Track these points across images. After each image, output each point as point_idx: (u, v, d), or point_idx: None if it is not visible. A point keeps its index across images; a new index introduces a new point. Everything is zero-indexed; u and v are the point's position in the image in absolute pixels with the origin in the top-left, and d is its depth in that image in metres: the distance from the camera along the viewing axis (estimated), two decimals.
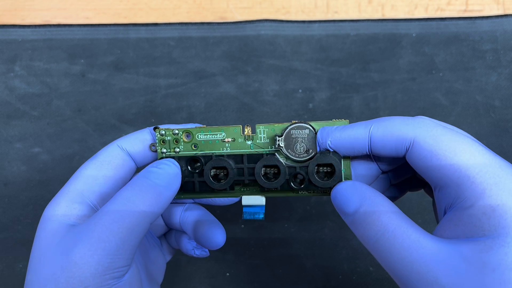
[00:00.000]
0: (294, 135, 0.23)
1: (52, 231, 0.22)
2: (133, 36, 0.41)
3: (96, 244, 0.20)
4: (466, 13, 0.41)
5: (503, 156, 0.40)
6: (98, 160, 0.24)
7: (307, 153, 0.23)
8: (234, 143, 0.24)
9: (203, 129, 0.24)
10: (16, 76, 0.40)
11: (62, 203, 0.23)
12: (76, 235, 0.21)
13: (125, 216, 0.21)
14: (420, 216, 0.38)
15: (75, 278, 0.20)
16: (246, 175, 0.24)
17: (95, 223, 0.21)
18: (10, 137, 0.39)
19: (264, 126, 0.24)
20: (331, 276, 0.38)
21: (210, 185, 0.24)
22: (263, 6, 0.41)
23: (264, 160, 0.23)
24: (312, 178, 0.23)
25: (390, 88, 0.40)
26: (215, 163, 0.24)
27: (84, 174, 0.24)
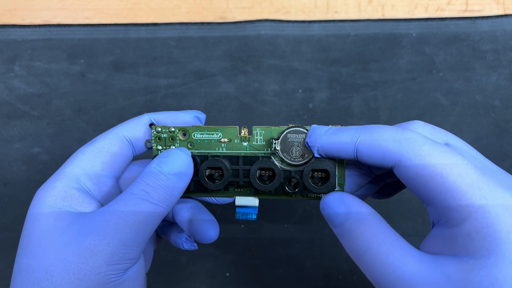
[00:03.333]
0: (290, 139, 0.23)
1: (52, 215, 0.21)
2: (133, 36, 0.41)
3: (113, 234, 0.20)
4: (466, 13, 0.41)
5: (503, 156, 0.40)
6: (96, 147, 0.24)
7: (303, 158, 0.23)
8: (230, 144, 0.24)
9: (199, 128, 0.24)
10: (16, 76, 0.40)
11: (59, 187, 0.22)
12: (90, 223, 0.21)
13: (141, 209, 0.21)
14: (420, 216, 0.38)
15: (88, 264, 0.20)
16: (241, 177, 0.24)
17: (110, 213, 0.21)
18: (10, 137, 0.39)
19: (261, 128, 0.24)
20: (331, 276, 0.38)
21: (205, 185, 0.24)
22: (263, 6, 0.41)
23: (260, 163, 0.23)
24: (307, 182, 0.23)
25: (390, 88, 0.40)
26: (211, 163, 0.24)
27: (81, 159, 0.23)
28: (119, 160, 0.24)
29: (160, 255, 0.38)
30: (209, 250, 0.38)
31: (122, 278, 0.21)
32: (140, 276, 0.22)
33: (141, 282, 0.22)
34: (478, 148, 0.39)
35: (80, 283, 0.20)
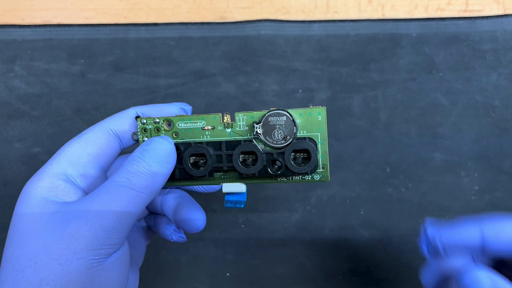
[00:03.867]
0: (272, 122, 0.23)
1: (38, 206, 0.22)
2: (133, 36, 0.41)
3: (94, 220, 0.20)
4: (466, 13, 0.41)
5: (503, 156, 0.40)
6: (82, 139, 0.24)
7: (285, 140, 0.23)
8: (214, 131, 0.24)
9: (183, 117, 0.24)
10: (16, 76, 0.40)
11: (46, 179, 0.23)
12: (72, 210, 0.21)
13: (123, 195, 0.21)
14: (420, 216, 0.38)
15: (70, 249, 0.20)
16: (224, 162, 0.24)
17: (91, 200, 0.21)
18: (10, 137, 0.39)
19: (243, 114, 0.24)
20: (331, 276, 0.38)
21: (189, 172, 0.24)
22: (263, 6, 0.41)
23: (242, 147, 0.23)
24: (289, 163, 0.23)
25: (390, 88, 0.40)
26: (194, 150, 0.24)
27: (68, 152, 0.24)
28: (106, 152, 0.24)
29: (160, 255, 0.38)
30: (209, 250, 0.38)
31: (104, 263, 0.21)
32: (123, 263, 0.22)
33: (124, 269, 0.22)
34: (478, 148, 0.39)
35: (62, 268, 0.20)
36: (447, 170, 0.38)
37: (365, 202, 0.38)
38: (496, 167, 0.38)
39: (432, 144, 0.39)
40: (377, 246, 0.38)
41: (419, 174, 0.38)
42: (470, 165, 0.38)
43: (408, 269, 0.37)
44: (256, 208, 0.38)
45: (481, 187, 0.38)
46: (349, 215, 0.38)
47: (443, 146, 0.39)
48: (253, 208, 0.38)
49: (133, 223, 0.22)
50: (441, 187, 0.38)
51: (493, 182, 0.38)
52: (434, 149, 0.39)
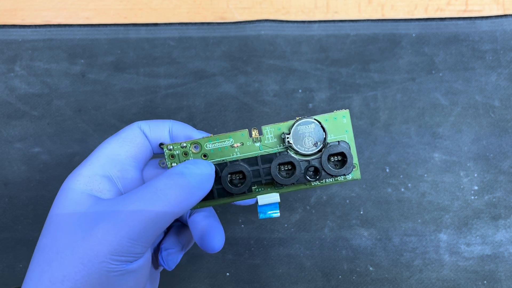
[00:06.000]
0: (301, 130, 0.24)
1: (74, 200, 0.22)
2: (133, 36, 0.41)
3: (121, 226, 0.20)
4: (466, 13, 0.41)
5: (502, 156, 0.40)
6: (120, 137, 0.24)
7: (316, 146, 0.24)
8: (243, 147, 0.24)
9: (210, 138, 0.24)
10: (16, 76, 0.40)
11: (84, 174, 0.23)
12: (103, 210, 0.21)
13: (154, 206, 0.21)
14: (419, 216, 0.38)
15: (94, 251, 0.20)
16: (262, 176, 0.24)
17: (123, 205, 0.21)
18: (11, 137, 0.39)
19: (270, 127, 0.24)
20: (331, 276, 0.38)
21: (230, 190, 0.24)
22: (263, 6, 0.41)
23: (279, 158, 0.24)
24: (327, 168, 0.24)
25: (390, 88, 0.40)
26: (231, 169, 0.24)
27: (106, 149, 0.24)
28: (142, 152, 0.25)
29: None
30: None
31: (124, 270, 0.21)
32: (144, 271, 0.22)
33: (143, 277, 0.23)
34: (478, 148, 0.39)
35: (84, 268, 0.20)
36: (446, 170, 0.38)
37: (364, 202, 0.38)
38: (495, 167, 0.38)
39: (431, 144, 0.39)
40: (377, 246, 0.38)
41: (419, 174, 0.38)
42: (469, 165, 0.38)
43: (408, 269, 0.37)
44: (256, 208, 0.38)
45: (480, 187, 0.38)
46: (349, 215, 0.38)
47: (443, 146, 0.39)
48: (253, 208, 0.38)
49: (159, 234, 0.22)
50: (440, 187, 0.38)
51: (492, 182, 0.38)
52: (433, 149, 0.39)
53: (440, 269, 0.37)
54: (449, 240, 0.38)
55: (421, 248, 0.38)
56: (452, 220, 0.38)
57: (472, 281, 0.37)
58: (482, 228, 0.38)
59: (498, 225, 0.38)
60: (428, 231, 0.38)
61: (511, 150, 0.39)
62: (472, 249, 0.37)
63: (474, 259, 0.37)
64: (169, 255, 0.26)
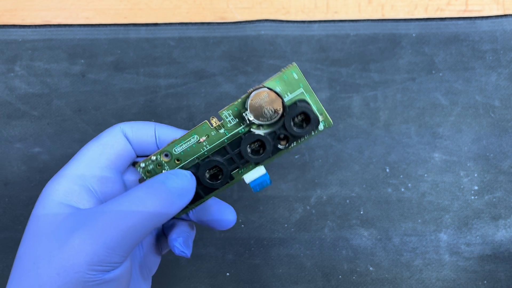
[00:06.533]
0: (257, 103, 0.23)
1: (52, 209, 0.22)
2: (133, 36, 0.41)
3: (97, 235, 0.20)
4: (466, 13, 0.41)
5: (502, 156, 0.40)
6: (100, 143, 0.24)
7: (277, 112, 0.23)
8: (210, 139, 0.24)
9: (176, 142, 0.24)
10: (16, 76, 0.40)
11: (63, 183, 0.23)
12: (80, 220, 0.21)
13: (132, 215, 0.21)
14: (420, 216, 0.38)
15: (69, 262, 0.20)
16: (237, 161, 0.24)
17: (101, 213, 0.21)
18: (11, 137, 0.39)
19: (226, 110, 0.24)
20: (331, 276, 0.38)
21: (212, 186, 0.24)
22: (263, 6, 0.41)
23: (246, 140, 0.23)
24: (293, 131, 0.23)
25: (390, 88, 0.40)
26: (206, 166, 0.24)
27: (86, 155, 0.24)
28: (124, 156, 0.24)
29: None
30: (209, 250, 0.38)
31: (102, 279, 0.21)
32: (123, 280, 0.22)
33: (123, 286, 0.22)
34: (478, 148, 0.39)
35: (59, 278, 0.20)
36: (446, 170, 0.38)
37: (364, 202, 0.38)
38: (495, 167, 0.38)
39: (431, 144, 0.39)
40: (377, 246, 0.38)
41: (419, 174, 0.38)
42: (469, 165, 0.38)
43: (408, 269, 0.37)
44: (256, 208, 0.38)
45: (480, 187, 0.38)
46: (349, 215, 0.38)
47: (443, 146, 0.39)
48: (253, 208, 0.38)
49: (138, 243, 0.22)
50: (440, 187, 0.38)
51: (492, 182, 0.38)
52: (433, 149, 0.39)
53: (440, 269, 0.37)
54: (449, 240, 0.38)
55: (421, 248, 0.38)
56: (452, 220, 0.38)
57: (472, 281, 0.37)
58: (482, 228, 0.38)
59: (498, 225, 0.38)
60: (428, 231, 0.38)
61: (511, 150, 0.39)
62: (472, 249, 0.37)
63: (474, 259, 0.37)
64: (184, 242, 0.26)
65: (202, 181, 0.24)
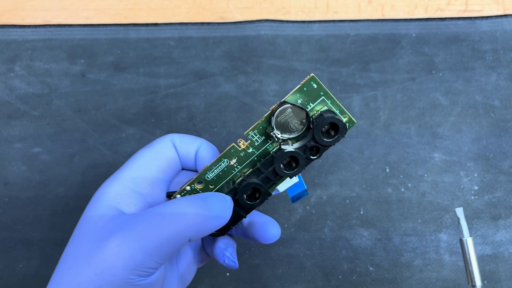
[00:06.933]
0: (282, 119, 0.24)
1: (100, 211, 0.23)
2: (133, 36, 0.41)
3: (136, 240, 0.21)
4: (466, 13, 0.41)
5: (502, 156, 0.40)
6: (153, 150, 0.25)
7: (303, 124, 0.24)
8: (240, 160, 0.25)
9: (206, 169, 0.25)
10: (16, 76, 0.40)
11: (115, 186, 0.24)
12: (121, 223, 0.22)
13: (172, 223, 0.21)
14: (420, 216, 0.38)
15: (106, 263, 0.21)
16: (273, 179, 0.25)
17: (142, 219, 0.22)
18: (10, 137, 0.39)
19: (251, 130, 0.24)
20: (331, 276, 0.38)
21: (252, 206, 0.25)
22: (263, 6, 0.41)
23: (279, 159, 0.24)
24: (323, 142, 0.24)
25: (390, 88, 0.40)
26: (244, 191, 0.24)
27: (139, 161, 0.25)
28: (173, 165, 0.25)
29: None
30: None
31: (136, 284, 0.21)
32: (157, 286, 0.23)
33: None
34: (478, 148, 0.39)
35: (96, 279, 0.21)
36: (446, 170, 0.38)
37: (364, 202, 0.38)
38: (495, 167, 0.38)
39: (431, 144, 0.39)
40: (377, 246, 0.38)
41: (419, 174, 0.38)
42: (469, 165, 0.38)
43: (408, 269, 0.37)
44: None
45: (480, 187, 0.38)
46: (349, 215, 0.38)
47: (443, 146, 0.39)
48: None
49: (175, 251, 0.22)
50: (440, 187, 0.38)
51: (492, 182, 0.38)
52: (433, 149, 0.39)
53: (440, 269, 0.37)
54: (449, 240, 0.38)
55: (421, 248, 0.38)
56: (452, 220, 0.38)
57: None
58: (482, 228, 0.38)
59: (498, 225, 0.38)
60: (428, 231, 0.38)
61: (511, 150, 0.39)
62: None
63: None
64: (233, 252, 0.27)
65: (242, 203, 0.25)
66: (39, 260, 0.38)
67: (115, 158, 0.39)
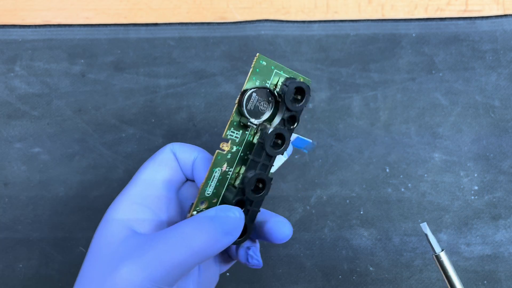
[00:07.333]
0: (251, 106, 0.24)
1: (112, 230, 0.23)
2: (133, 36, 0.41)
3: (145, 268, 0.21)
4: (466, 13, 0.41)
5: (502, 156, 0.40)
6: (156, 161, 0.25)
7: (270, 102, 0.24)
8: (230, 162, 0.25)
9: (203, 186, 0.24)
10: (16, 76, 0.40)
11: (124, 203, 0.24)
12: (131, 248, 0.22)
13: (178, 252, 0.22)
14: (420, 216, 0.38)
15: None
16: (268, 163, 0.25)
17: (150, 246, 0.22)
18: (10, 137, 0.39)
19: (227, 129, 0.24)
20: (331, 276, 0.38)
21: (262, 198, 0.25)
22: (263, 6, 0.41)
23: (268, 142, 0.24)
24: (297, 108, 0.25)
25: (390, 88, 0.40)
26: (250, 186, 0.24)
27: (143, 174, 0.25)
28: (177, 174, 0.25)
29: None
30: None
31: None
32: None
33: None
34: (478, 148, 0.39)
35: None
36: (446, 170, 0.38)
37: (364, 202, 0.38)
38: (495, 167, 0.38)
39: (431, 144, 0.39)
40: (377, 246, 0.38)
41: (419, 174, 0.38)
42: (469, 165, 0.38)
43: (408, 269, 0.37)
44: None
45: (480, 187, 0.38)
46: (349, 215, 0.38)
47: (443, 146, 0.39)
48: None
49: (182, 276, 0.22)
50: (440, 187, 0.38)
51: (492, 182, 0.38)
52: (433, 149, 0.39)
53: None
54: (449, 240, 0.38)
55: (421, 248, 0.38)
56: (452, 220, 0.38)
57: (472, 281, 0.37)
58: (482, 228, 0.38)
59: (498, 225, 0.38)
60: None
61: (511, 150, 0.39)
62: (472, 249, 0.37)
63: (474, 259, 0.37)
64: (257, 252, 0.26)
65: (252, 198, 0.25)
66: (39, 260, 0.38)
67: (115, 158, 0.39)
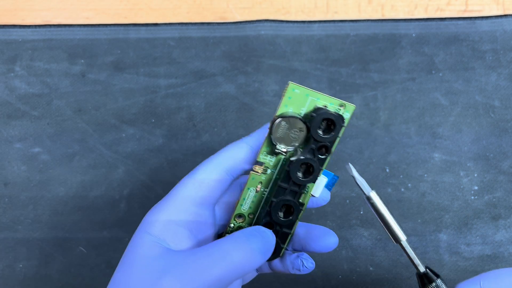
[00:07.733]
0: (280, 134, 0.24)
1: (147, 245, 0.23)
2: (133, 36, 0.41)
3: (186, 283, 0.21)
4: (466, 13, 0.41)
5: (502, 156, 0.40)
6: (197, 180, 0.25)
7: (301, 130, 0.24)
8: (264, 183, 0.25)
9: (239, 203, 0.25)
10: (16, 76, 0.40)
11: (161, 220, 0.24)
12: (171, 263, 0.22)
13: (219, 266, 0.22)
14: (419, 216, 0.38)
15: None
16: (298, 190, 0.25)
17: (190, 262, 0.22)
18: (11, 137, 0.39)
19: (261, 154, 0.24)
20: (331, 276, 0.38)
21: (291, 222, 0.26)
22: (263, 6, 0.41)
23: (293, 171, 0.24)
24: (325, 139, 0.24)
25: (390, 88, 0.40)
26: (276, 210, 0.25)
27: (183, 192, 0.25)
28: (217, 190, 0.25)
29: None
30: None
31: None
32: None
33: None
34: (478, 148, 0.39)
35: None
36: (446, 170, 0.38)
37: (364, 202, 0.38)
38: (495, 167, 0.38)
39: (431, 144, 0.39)
40: (377, 246, 0.38)
41: (419, 174, 0.38)
42: (469, 165, 0.38)
43: (408, 269, 0.37)
44: None
45: (480, 187, 0.38)
46: (349, 215, 0.38)
47: (443, 146, 0.39)
48: None
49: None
50: (440, 187, 0.38)
51: (492, 182, 0.38)
52: (433, 149, 0.39)
53: (440, 269, 0.37)
54: (449, 240, 0.38)
55: (421, 248, 0.38)
56: (452, 220, 0.38)
57: None
58: (482, 228, 0.38)
59: (498, 225, 0.38)
60: (428, 231, 0.38)
61: (511, 150, 0.39)
62: (472, 249, 0.37)
63: (474, 259, 0.37)
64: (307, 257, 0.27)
65: (278, 221, 0.25)
66: (39, 260, 0.38)
67: (115, 158, 0.39)
